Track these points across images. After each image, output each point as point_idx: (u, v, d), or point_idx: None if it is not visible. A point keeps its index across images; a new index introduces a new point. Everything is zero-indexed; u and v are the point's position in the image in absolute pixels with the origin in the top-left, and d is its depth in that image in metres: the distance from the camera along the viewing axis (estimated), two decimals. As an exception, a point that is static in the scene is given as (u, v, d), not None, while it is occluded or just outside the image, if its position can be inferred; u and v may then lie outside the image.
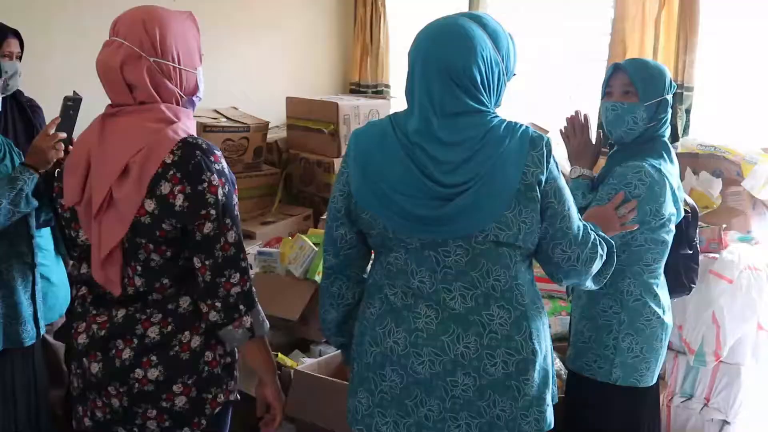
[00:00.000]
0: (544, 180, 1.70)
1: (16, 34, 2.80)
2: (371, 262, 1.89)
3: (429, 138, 1.68)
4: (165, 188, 1.65)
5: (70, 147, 2.32)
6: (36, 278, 2.49)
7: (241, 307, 1.70)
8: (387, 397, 1.76)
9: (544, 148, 1.70)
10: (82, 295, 1.82)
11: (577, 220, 1.78)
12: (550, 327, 1.91)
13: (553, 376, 1.86)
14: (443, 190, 1.67)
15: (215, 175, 1.67)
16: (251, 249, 3.58)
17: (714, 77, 4.02)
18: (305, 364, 2.87)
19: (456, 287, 1.72)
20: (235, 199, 1.75)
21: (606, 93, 2.40)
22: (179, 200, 1.65)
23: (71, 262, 1.91)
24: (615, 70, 2.39)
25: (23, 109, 2.88)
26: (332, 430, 2.64)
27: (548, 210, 1.72)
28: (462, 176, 1.67)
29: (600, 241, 1.83)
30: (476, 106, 1.69)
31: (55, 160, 2.32)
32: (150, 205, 1.65)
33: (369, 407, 1.79)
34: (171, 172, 1.65)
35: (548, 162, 1.70)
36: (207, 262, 1.68)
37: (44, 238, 2.62)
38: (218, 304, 1.69)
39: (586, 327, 2.37)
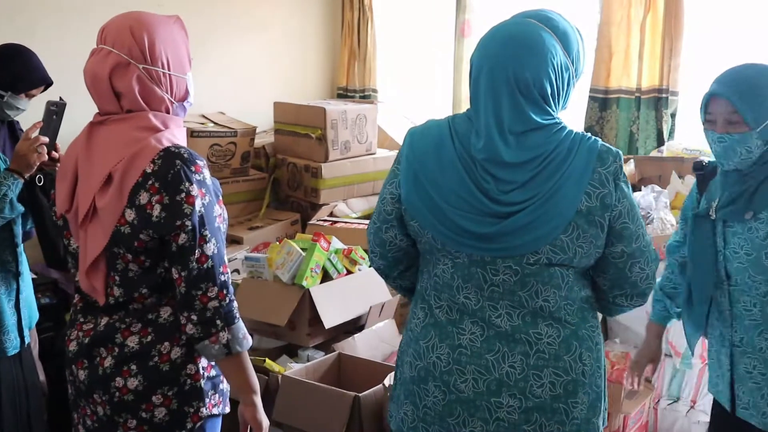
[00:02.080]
0: (613, 202, 1.61)
1: (49, 84, 2.79)
2: (420, 267, 1.80)
3: (493, 158, 1.60)
4: (144, 198, 1.62)
5: (54, 153, 2.30)
6: (20, 287, 2.47)
7: (218, 322, 1.64)
8: (430, 412, 1.71)
9: (613, 164, 1.61)
10: (75, 303, 1.81)
11: (647, 235, 1.71)
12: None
13: (604, 399, 1.77)
14: (499, 209, 1.59)
15: (195, 186, 1.63)
16: (238, 254, 3.58)
17: (699, 81, 4.04)
18: (293, 369, 2.86)
19: (502, 305, 1.66)
20: (217, 211, 1.71)
21: (707, 120, 2.07)
22: (156, 210, 1.62)
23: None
24: (712, 97, 2.03)
25: (15, 134, 2.89)
26: (320, 435, 2.63)
27: (624, 231, 1.64)
28: (521, 196, 1.59)
29: None
30: (543, 121, 1.60)
31: (37, 163, 2.29)
32: (130, 215, 1.63)
33: (414, 420, 1.74)
34: (150, 182, 1.62)
35: (617, 180, 1.61)
36: (183, 274, 1.63)
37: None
38: (194, 317, 1.64)
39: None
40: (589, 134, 1.64)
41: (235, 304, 1.69)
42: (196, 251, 1.63)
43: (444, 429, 1.70)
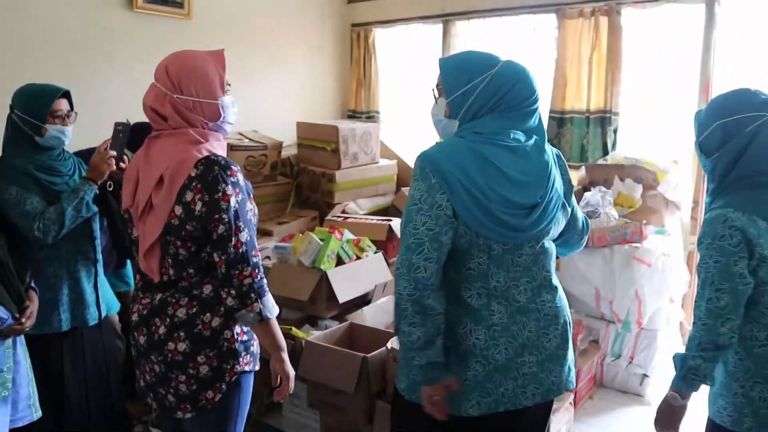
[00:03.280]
0: (570, 183, 1.74)
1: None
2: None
3: (519, 168, 1.61)
4: (189, 196, 1.63)
5: (121, 164, 2.30)
6: (98, 271, 2.47)
7: (252, 295, 1.65)
8: (471, 383, 1.66)
9: (563, 157, 1.76)
10: (136, 282, 1.82)
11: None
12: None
13: None
14: (529, 201, 1.60)
15: (229, 186, 1.64)
16: (269, 244, 3.57)
17: (634, 104, 4.05)
18: (314, 335, 2.86)
19: (522, 282, 1.66)
20: (249, 206, 1.70)
21: None
22: (198, 206, 1.62)
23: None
24: None
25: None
26: (335, 387, 2.63)
27: (573, 208, 1.77)
28: (539, 190, 1.62)
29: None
30: (537, 136, 1.67)
31: (107, 173, 2.30)
32: (178, 210, 1.64)
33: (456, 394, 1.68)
34: (194, 184, 1.63)
35: (567, 168, 1.76)
36: (222, 257, 1.64)
37: None
38: (233, 292, 1.64)
39: (719, 373, 1.75)
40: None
41: (265, 280, 1.69)
42: (233, 239, 1.63)
43: (483, 393, 1.67)
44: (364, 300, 3.19)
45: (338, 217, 3.96)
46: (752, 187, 1.61)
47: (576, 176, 4.04)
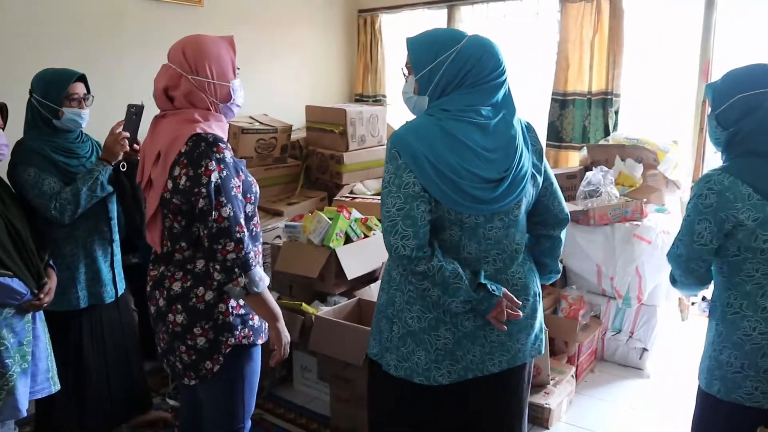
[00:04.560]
0: (543, 152, 1.73)
1: None
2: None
3: (486, 144, 1.58)
4: (176, 171, 1.62)
5: (135, 145, 2.29)
6: (114, 251, 2.46)
7: (237, 270, 1.61)
8: (441, 352, 1.66)
9: (534, 130, 1.72)
10: (151, 254, 1.82)
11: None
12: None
13: None
14: (496, 176, 1.58)
15: (213, 162, 1.60)
16: (280, 223, 3.56)
17: (636, 86, 4.00)
18: (323, 311, 2.86)
19: (492, 254, 1.64)
20: (236, 183, 1.65)
21: None
22: (182, 180, 1.61)
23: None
24: None
25: None
26: (344, 360, 2.63)
27: (546, 171, 1.74)
28: (506, 164, 1.59)
29: None
30: (505, 110, 1.64)
31: (121, 153, 2.28)
32: (169, 185, 1.63)
33: (427, 363, 1.66)
34: (182, 159, 1.62)
35: (538, 138, 1.73)
36: (205, 231, 1.61)
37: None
38: (218, 266, 1.61)
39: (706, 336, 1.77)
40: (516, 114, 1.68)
41: (251, 255, 1.64)
42: (213, 213, 1.60)
43: (453, 361, 1.66)
44: (371, 277, 3.18)
45: (346, 197, 3.94)
46: (758, 156, 1.61)
47: (578, 157, 4.00)
